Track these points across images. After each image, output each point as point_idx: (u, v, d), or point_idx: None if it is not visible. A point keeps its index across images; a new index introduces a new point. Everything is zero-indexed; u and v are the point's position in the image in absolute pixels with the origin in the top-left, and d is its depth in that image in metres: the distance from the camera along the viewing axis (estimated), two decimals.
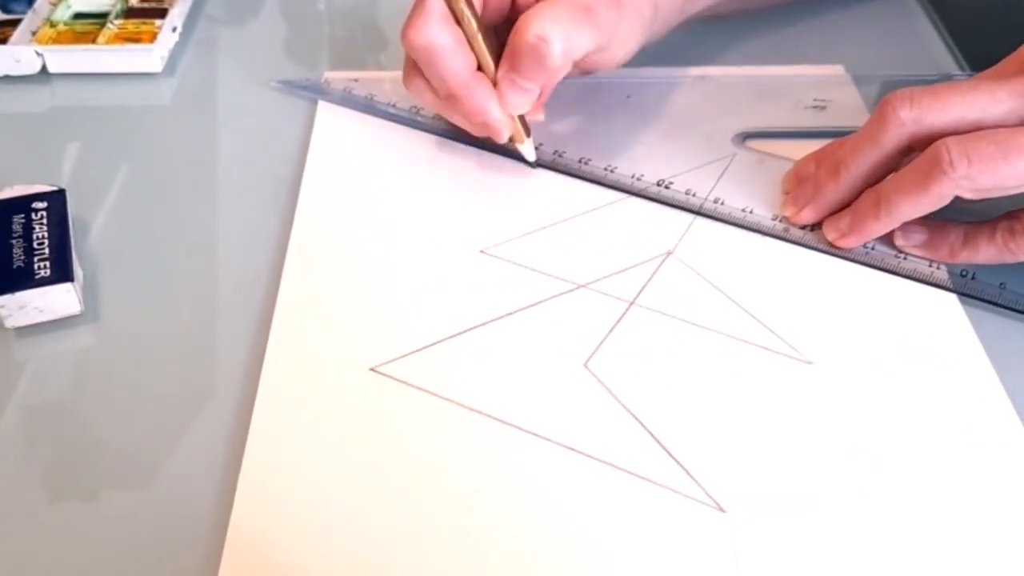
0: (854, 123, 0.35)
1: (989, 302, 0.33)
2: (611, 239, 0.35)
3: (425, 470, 0.28)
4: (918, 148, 0.32)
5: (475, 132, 0.37)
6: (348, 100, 0.40)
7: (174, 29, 0.46)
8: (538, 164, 0.38)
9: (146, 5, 0.48)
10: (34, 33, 0.45)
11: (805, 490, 0.27)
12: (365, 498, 0.27)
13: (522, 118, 0.37)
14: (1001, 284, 0.33)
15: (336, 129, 0.41)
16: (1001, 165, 0.29)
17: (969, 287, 0.33)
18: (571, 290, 0.33)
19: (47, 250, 0.33)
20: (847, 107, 0.41)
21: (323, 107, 0.42)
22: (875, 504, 0.27)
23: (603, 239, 0.35)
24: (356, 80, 0.39)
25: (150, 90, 0.44)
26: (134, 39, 0.45)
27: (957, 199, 0.31)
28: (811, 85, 0.42)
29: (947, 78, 0.43)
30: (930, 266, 0.34)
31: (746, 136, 0.40)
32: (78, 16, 0.47)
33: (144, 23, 0.46)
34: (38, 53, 0.44)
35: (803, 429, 0.29)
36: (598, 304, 0.33)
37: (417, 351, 0.31)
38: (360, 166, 0.39)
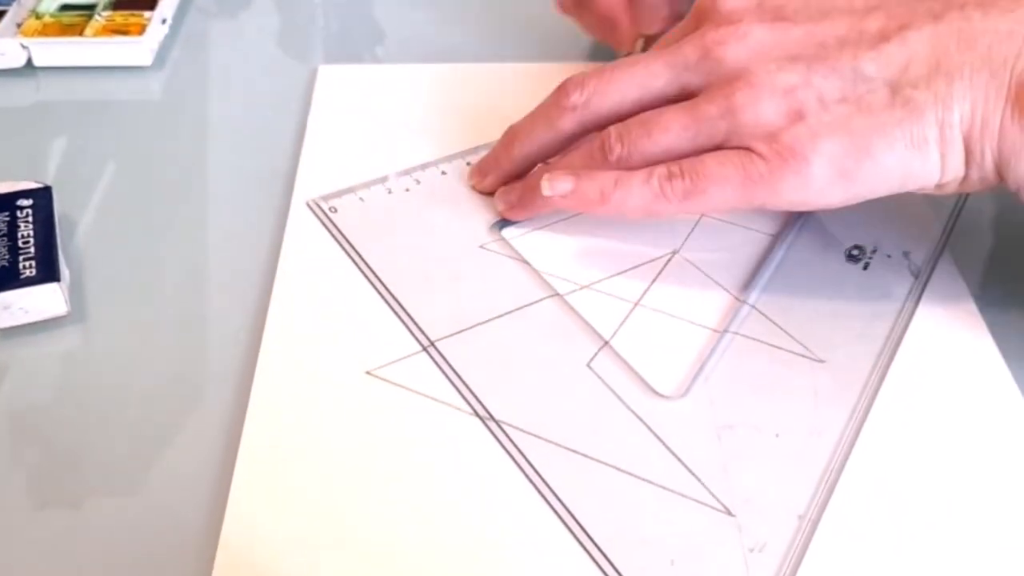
0: None
1: None
2: (615, 238, 0.35)
3: (424, 475, 0.27)
4: (593, 130, 0.33)
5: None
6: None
7: (164, 21, 0.45)
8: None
9: None
10: (19, 25, 0.44)
11: (815, 492, 0.27)
12: (362, 506, 0.26)
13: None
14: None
15: (331, 125, 0.40)
16: (646, 143, 0.31)
17: None
18: (574, 291, 0.32)
19: (32, 249, 0.32)
20: None
21: (317, 102, 0.41)
22: (886, 505, 0.26)
23: (607, 237, 0.35)
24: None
25: (139, 84, 0.44)
26: (122, 31, 0.44)
27: None
28: None
29: None
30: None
31: None
32: (65, 8, 0.46)
33: (133, 15, 0.45)
34: (23, 46, 0.43)
35: (813, 429, 0.28)
36: (602, 304, 0.32)
37: (415, 354, 0.30)
38: (356, 161, 0.38)
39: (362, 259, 0.34)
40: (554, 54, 0.44)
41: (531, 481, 0.27)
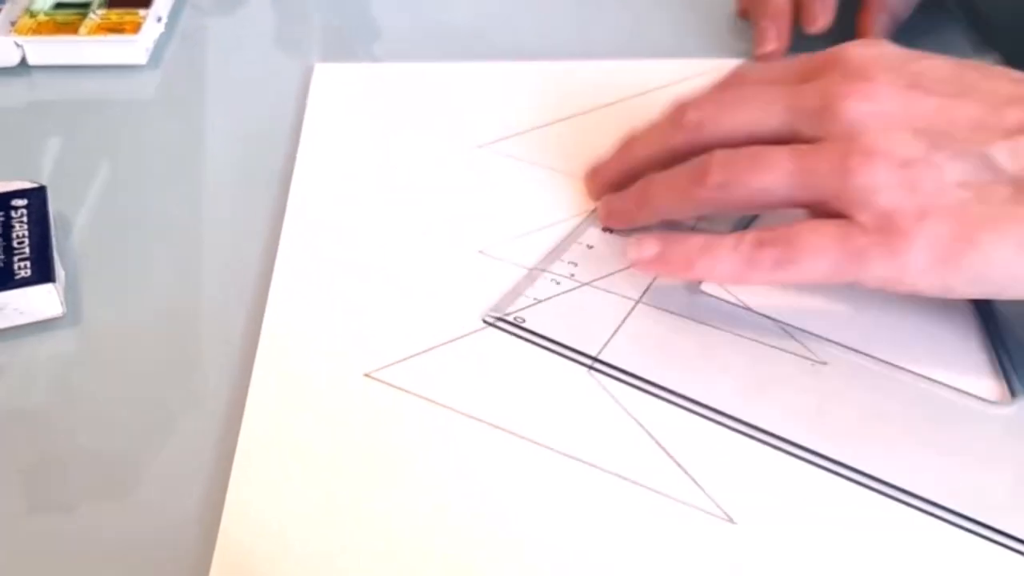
0: None
1: None
2: (614, 238, 0.34)
3: (422, 479, 0.27)
4: (702, 152, 0.32)
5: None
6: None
7: (159, 19, 0.45)
8: None
9: None
10: (13, 23, 0.44)
11: (818, 499, 0.27)
12: (360, 510, 0.26)
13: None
14: None
15: (328, 125, 0.40)
16: (749, 177, 0.29)
17: None
18: (575, 288, 0.32)
19: (27, 249, 0.32)
20: None
21: (313, 102, 0.41)
22: (889, 510, 0.26)
23: (606, 238, 0.34)
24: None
25: (134, 83, 0.43)
26: (117, 30, 0.44)
27: None
28: None
29: None
30: None
31: None
32: (59, 6, 0.46)
33: (128, 13, 0.45)
34: (17, 44, 0.43)
35: (816, 432, 0.28)
36: (602, 303, 0.32)
37: (414, 356, 0.30)
38: (354, 162, 0.38)
39: None
40: (553, 52, 0.44)
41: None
